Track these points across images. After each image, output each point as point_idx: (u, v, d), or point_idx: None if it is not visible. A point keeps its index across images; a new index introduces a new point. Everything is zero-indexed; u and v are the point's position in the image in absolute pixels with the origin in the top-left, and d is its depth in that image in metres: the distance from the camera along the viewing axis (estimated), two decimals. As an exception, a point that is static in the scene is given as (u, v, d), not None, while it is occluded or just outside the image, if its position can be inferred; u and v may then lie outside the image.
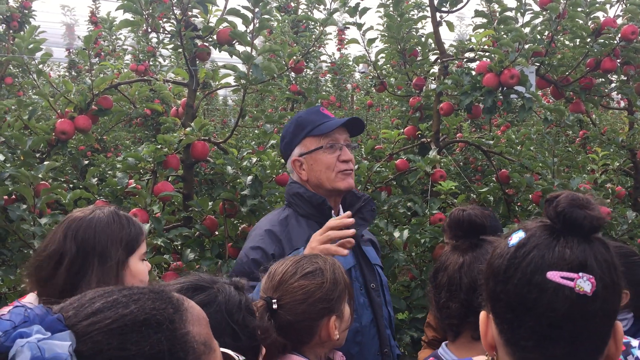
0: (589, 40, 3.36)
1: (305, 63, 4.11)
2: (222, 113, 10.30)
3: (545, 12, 3.32)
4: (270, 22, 2.97)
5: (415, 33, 3.95)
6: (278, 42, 3.95)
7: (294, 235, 1.95)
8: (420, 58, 3.85)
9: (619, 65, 3.37)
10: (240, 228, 2.88)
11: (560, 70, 3.54)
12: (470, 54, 3.55)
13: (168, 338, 0.77)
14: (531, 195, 3.25)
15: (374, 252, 2.13)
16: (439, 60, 3.67)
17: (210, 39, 2.96)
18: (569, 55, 3.55)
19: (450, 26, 3.73)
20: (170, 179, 2.94)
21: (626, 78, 3.65)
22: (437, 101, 3.52)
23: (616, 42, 3.29)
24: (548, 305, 0.87)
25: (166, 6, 2.85)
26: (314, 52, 6.02)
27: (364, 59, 4.10)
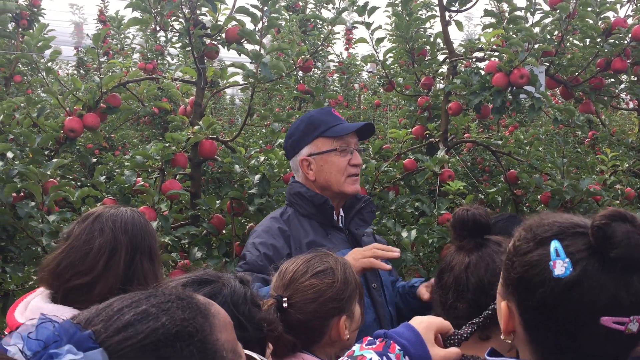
0: (599, 40, 3.34)
1: (313, 62, 4.10)
2: (230, 112, 10.31)
3: (555, 12, 3.30)
4: (278, 21, 2.96)
5: (423, 32, 3.94)
6: (286, 41, 3.95)
7: (296, 234, 1.96)
8: (428, 57, 3.84)
9: (630, 65, 3.35)
10: (247, 227, 2.88)
11: (570, 70, 3.52)
12: (479, 54, 3.54)
13: (200, 350, 0.76)
14: (540, 195, 3.23)
15: None
16: (448, 59, 3.66)
17: (218, 38, 2.96)
18: (579, 55, 3.53)
19: (459, 25, 3.71)
20: (177, 177, 2.94)
21: (636, 78, 3.63)
22: (446, 101, 3.50)
23: (627, 42, 3.27)
24: (597, 347, 0.89)
25: (175, 4, 2.85)
26: (322, 52, 6.01)
27: (372, 59, 4.09)
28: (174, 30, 3.05)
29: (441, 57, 3.85)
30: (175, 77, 3.42)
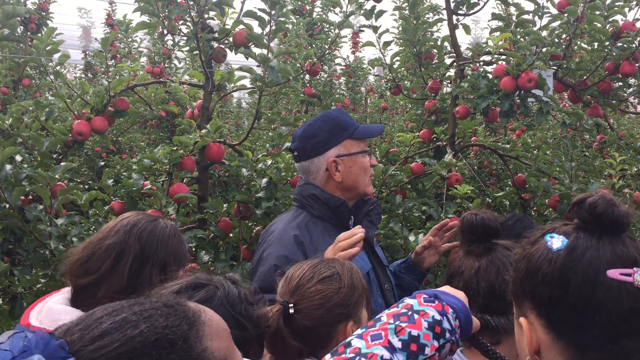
0: (608, 43, 3.33)
1: (320, 66, 4.11)
2: (236, 115, 10.33)
3: (563, 15, 3.28)
4: (286, 25, 2.97)
5: (430, 36, 3.93)
6: (293, 45, 3.95)
7: (314, 237, 1.95)
8: (436, 61, 3.83)
9: (638, 69, 3.33)
10: (254, 230, 2.88)
11: (578, 73, 3.50)
12: (487, 57, 3.53)
13: (182, 358, 0.73)
14: (548, 200, 3.22)
15: (382, 254, 2.18)
16: (455, 63, 3.65)
17: (226, 41, 2.97)
18: (587, 58, 3.51)
19: (466, 29, 3.71)
20: (185, 181, 2.94)
21: (645, 82, 3.60)
22: (453, 104, 3.49)
23: (635, 46, 3.25)
24: (615, 302, 0.91)
25: (183, 9, 2.86)
26: (329, 55, 6.01)
27: (379, 62, 4.09)
28: (182, 34, 3.06)
29: (448, 61, 3.85)
30: (182, 81, 3.43)
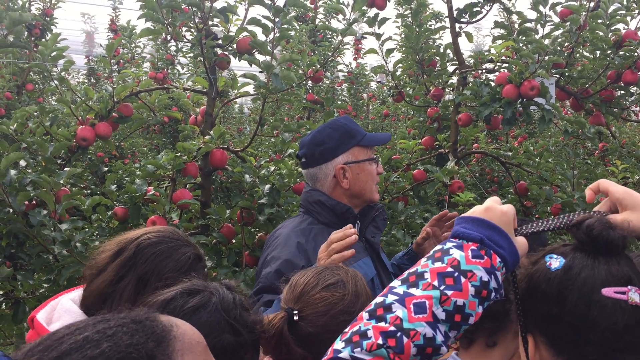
0: (610, 52, 3.34)
1: (323, 72, 4.12)
2: (238, 121, 10.35)
3: (565, 24, 3.30)
4: (289, 32, 2.98)
5: (433, 43, 3.95)
6: (295, 52, 3.97)
7: (319, 243, 1.94)
8: (438, 68, 3.84)
9: (640, 77, 3.34)
10: (257, 236, 2.89)
11: (580, 82, 3.52)
12: (489, 65, 3.54)
13: None
14: (550, 207, 3.22)
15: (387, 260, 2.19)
16: (458, 70, 3.66)
17: (230, 48, 2.98)
18: (589, 67, 3.52)
19: (469, 37, 3.72)
20: (188, 187, 2.95)
21: (647, 91, 3.62)
22: (456, 112, 3.50)
23: (637, 55, 3.26)
24: (609, 319, 0.95)
25: (187, 15, 2.88)
26: (332, 62, 6.03)
27: (382, 69, 4.11)
28: (186, 40, 3.07)
29: (451, 68, 3.86)
30: (186, 87, 3.45)
